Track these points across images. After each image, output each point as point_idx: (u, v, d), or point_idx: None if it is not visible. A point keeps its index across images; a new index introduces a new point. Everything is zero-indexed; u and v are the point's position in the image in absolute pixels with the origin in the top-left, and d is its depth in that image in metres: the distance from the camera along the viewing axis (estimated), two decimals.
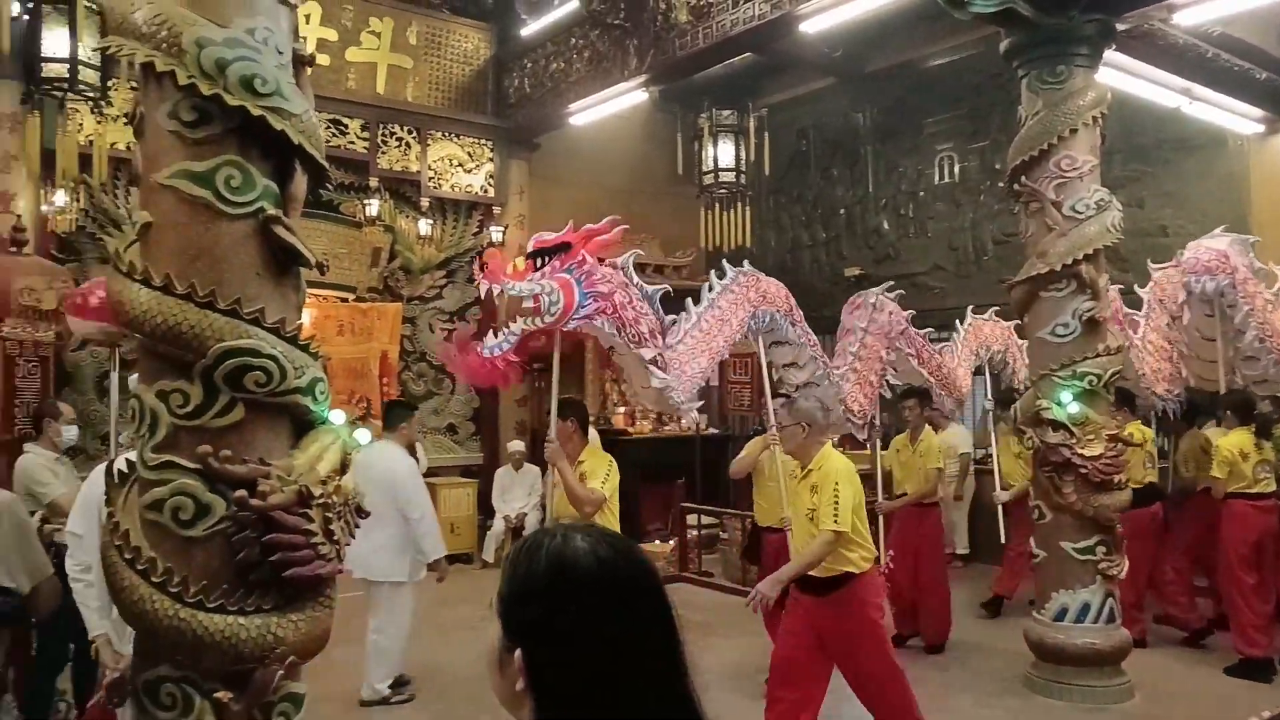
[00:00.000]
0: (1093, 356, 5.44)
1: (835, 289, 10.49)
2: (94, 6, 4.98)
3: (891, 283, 6.67)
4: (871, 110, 10.92)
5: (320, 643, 2.67)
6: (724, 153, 9.72)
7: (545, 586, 1.16)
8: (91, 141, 6.35)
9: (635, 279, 4.92)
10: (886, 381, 6.43)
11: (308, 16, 8.86)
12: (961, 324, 7.20)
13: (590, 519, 4.38)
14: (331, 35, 9.30)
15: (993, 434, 7.24)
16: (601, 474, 4.67)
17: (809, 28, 7.40)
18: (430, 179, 10.06)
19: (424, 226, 10.00)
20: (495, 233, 10.29)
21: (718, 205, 9.97)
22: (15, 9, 5.17)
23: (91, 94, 5.05)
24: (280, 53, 2.66)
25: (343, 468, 2.73)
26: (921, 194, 10.51)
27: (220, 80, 2.47)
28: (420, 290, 10.31)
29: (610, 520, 4.62)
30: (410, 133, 9.92)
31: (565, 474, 4.58)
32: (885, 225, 10.83)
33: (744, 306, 5.44)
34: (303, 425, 2.72)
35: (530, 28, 10.40)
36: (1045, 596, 5.62)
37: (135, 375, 3.35)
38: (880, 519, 6.32)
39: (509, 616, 1.18)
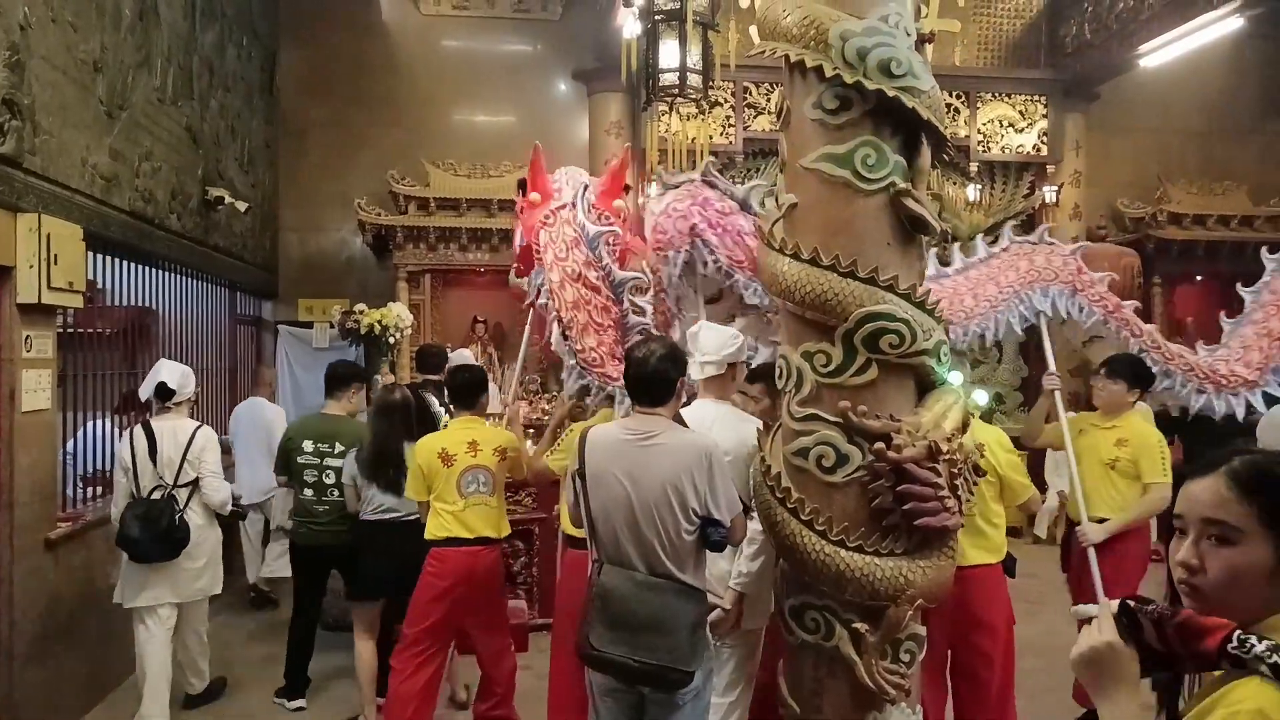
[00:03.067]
0: None
1: None
2: (698, 19, 5.67)
3: None
4: None
5: (944, 590, 2.83)
6: None
7: None
8: (679, 137, 7.35)
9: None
10: None
11: None
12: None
13: None
14: None
15: None
16: None
17: None
18: (979, 143, 9.82)
19: (972, 192, 9.82)
20: (1048, 193, 9.75)
21: None
22: (636, 30, 6.09)
23: (695, 96, 5.77)
24: (909, 34, 2.82)
25: (963, 427, 2.85)
26: None
27: (860, 68, 2.69)
28: None
29: None
30: (959, 97, 9.77)
31: None
32: None
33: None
34: (925, 385, 2.89)
35: None
36: None
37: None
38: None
39: None
